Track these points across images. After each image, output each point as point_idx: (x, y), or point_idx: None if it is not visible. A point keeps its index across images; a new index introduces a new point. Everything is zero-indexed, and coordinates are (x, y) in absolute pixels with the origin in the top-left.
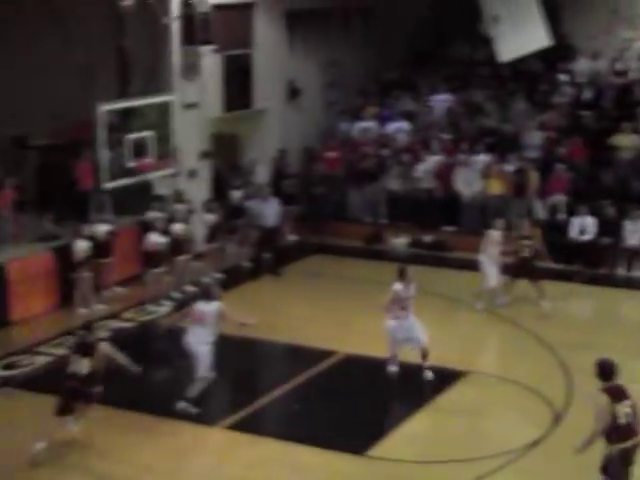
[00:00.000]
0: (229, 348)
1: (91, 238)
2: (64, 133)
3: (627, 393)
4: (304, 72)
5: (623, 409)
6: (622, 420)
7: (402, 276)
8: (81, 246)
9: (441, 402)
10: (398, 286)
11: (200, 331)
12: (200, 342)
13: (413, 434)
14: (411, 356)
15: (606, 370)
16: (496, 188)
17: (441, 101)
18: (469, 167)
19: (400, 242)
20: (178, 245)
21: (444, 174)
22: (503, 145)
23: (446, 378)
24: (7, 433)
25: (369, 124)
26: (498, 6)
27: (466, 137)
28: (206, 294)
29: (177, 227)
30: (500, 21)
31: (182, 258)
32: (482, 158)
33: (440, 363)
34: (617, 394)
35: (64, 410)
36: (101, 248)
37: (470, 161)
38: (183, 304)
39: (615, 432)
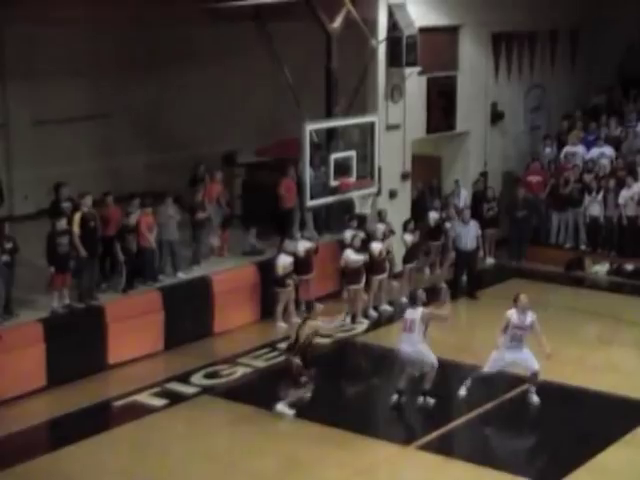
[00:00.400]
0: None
1: (293, 254)
2: (271, 151)
3: None
4: (508, 95)
5: None
6: None
7: (516, 302)
8: (284, 261)
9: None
10: (512, 313)
11: (411, 337)
12: (415, 344)
13: (605, 468)
14: (604, 385)
15: None
16: None
17: None
18: None
19: (600, 269)
20: (376, 264)
21: None
22: None
23: None
24: (205, 439)
25: (575, 149)
26: None
27: None
28: (413, 300)
29: (376, 246)
30: None
31: (379, 277)
32: None
33: (636, 395)
34: None
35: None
36: (302, 264)
37: None
38: (379, 323)
39: None
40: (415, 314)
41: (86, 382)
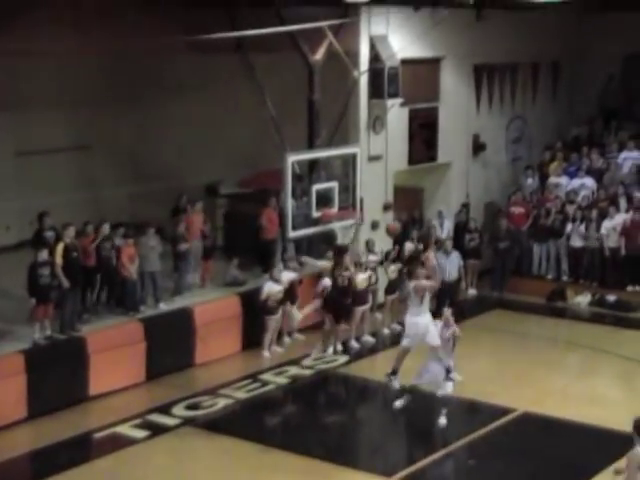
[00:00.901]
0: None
1: (279, 282)
2: (253, 182)
3: None
4: (489, 126)
5: None
6: None
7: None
8: (270, 288)
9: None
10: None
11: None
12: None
13: None
14: (587, 417)
15: None
16: None
17: (629, 158)
18: None
19: (582, 300)
20: (359, 295)
21: (631, 232)
22: None
23: (626, 442)
24: (186, 471)
25: (558, 180)
26: None
27: None
28: None
29: (360, 277)
30: None
31: (361, 308)
32: None
33: (619, 427)
34: None
35: None
36: (287, 294)
37: None
38: (361, 354)
39: None
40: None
41: (67, 413)
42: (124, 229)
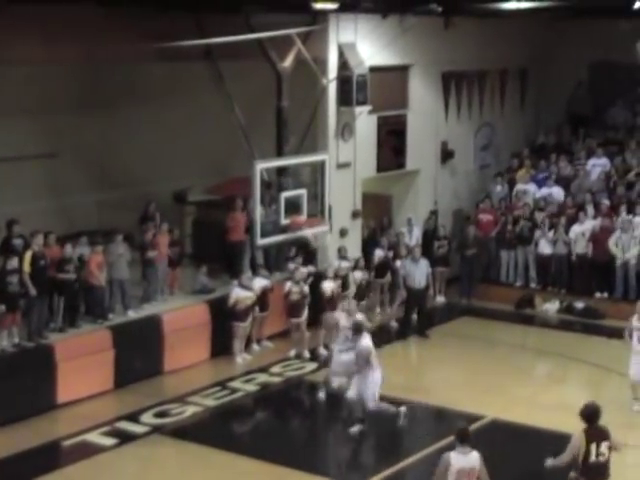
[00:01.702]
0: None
1: (248, 289)
2: (221, 189)
3: (607, 435)
4: (458, 134)
5: (598, 449)
6: (594, 459)
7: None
8: (237, 294)
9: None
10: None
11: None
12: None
13: None
14: (555, 424)
15: (588, 414)
16: None
17: (597, 165)
18: (627, 231)
19: (550, 307)
20: (329, 301)
21: (599, 238)
22: None
23: None
24: (155, 476)
25: (526, 187)
26: None
27: (622, 201)
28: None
29: (327, 285)
30: None
31: (331, 314)
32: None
33: None
34: (596, 436)
35: None
36: (259, 301)
37: (629, 225)
38: (328, 361)
39: (586, 468)
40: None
41: (35, 421)
42: (87, 237)
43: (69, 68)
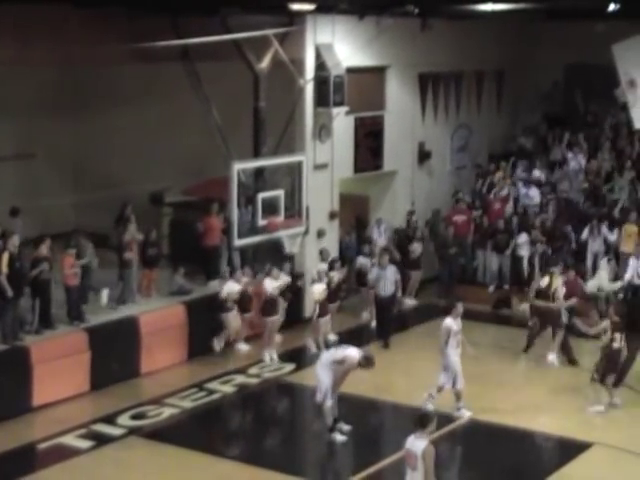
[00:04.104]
0: (350, 408)
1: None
2: (198, 190)
3: None
4: (434, 135)
5: None
6: None
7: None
8: (230, 287)
9: (565, 474)
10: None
11: None
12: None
13: None
14: (532, 424)
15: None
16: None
17: (572, 166)
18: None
19: (527, 308)
20: (321, 305)
21: None
22: None
23: (573, 449)
24: (132, 479)
25: (504, 190)
26: (635, 71)
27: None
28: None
29: (317, 287)
30: (637, 86)
31: (323, 319)
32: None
33: (566, 434)
34: None
35: None
36: (239, 302)
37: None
38: (307, 363)
39: None
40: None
41: (10, 424)
42: (50, 240)
43: (46, 69)
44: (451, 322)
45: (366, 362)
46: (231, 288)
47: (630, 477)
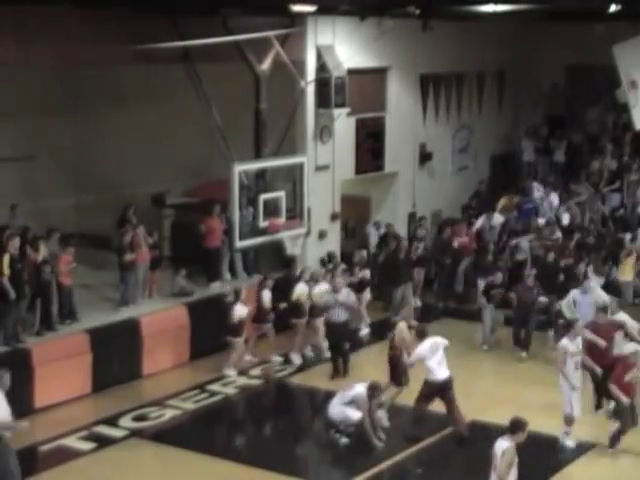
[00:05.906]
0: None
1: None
2: (200, 192)
3: None
4: (436, 136)
5: None
6: None
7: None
8: (240, 312)
9: (569, 474)
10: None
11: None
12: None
13: None
14: (537, 424)
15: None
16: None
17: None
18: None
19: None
20: (317, 307)
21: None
22: None
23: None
24: None
25: (499, 220)
26: (636, 71)
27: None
28: None
29: (316, 289)
30: (638, 87)
31: (302, 321)
32: None
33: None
34: None
35: None
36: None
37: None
38: (302, 367)
39: None
40: None
41: None
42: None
43: (47, 70)
44: (567, 343)
45: (373, 392)
46: (241, 313)
47: (631, 477)
